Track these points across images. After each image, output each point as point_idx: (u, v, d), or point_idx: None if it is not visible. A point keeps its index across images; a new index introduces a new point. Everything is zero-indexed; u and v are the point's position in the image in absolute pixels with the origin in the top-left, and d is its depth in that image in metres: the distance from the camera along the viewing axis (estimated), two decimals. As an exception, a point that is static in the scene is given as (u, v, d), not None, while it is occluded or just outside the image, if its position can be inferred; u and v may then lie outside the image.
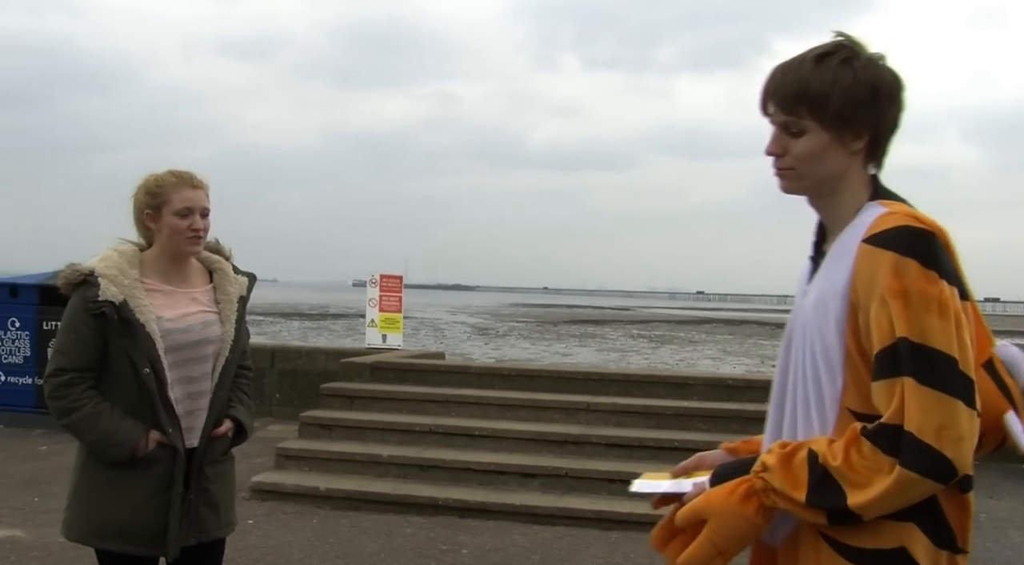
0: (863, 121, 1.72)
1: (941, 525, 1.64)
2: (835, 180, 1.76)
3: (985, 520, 6.73)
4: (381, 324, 11.75)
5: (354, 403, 8.34)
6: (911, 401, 1.55)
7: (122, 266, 2.97)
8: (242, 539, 5.83)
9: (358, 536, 6.12)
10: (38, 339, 9.83)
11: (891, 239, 1.61)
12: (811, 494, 1.59)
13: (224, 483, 3.17)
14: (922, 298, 1.57)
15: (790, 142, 1.75)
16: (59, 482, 7.18)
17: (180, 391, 3.01)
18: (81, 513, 3.01)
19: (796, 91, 1.73)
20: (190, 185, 3.03)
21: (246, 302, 3.21)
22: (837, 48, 1.73)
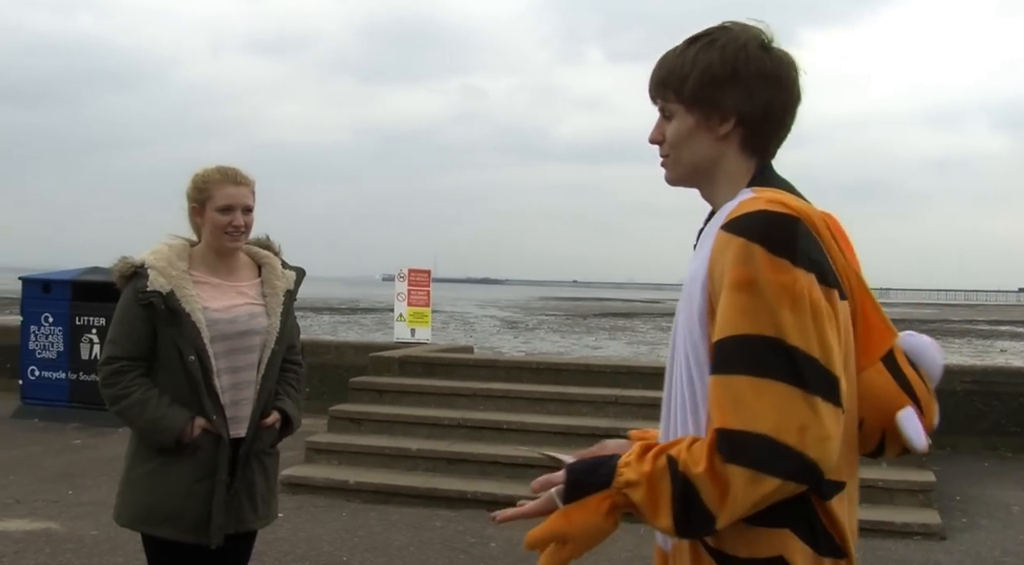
0: (725, 104, 1.62)
1: (818, 530, 1.52)
2: (708, 167, 1.67)
3: (1019, 512, 6.66)
4: (410, 318, 11.80)
5: (383, 397, 8.37)
6: (764, 400, 1.42)
7: (171, 258, 3.09)
8: (272, 532, 5.86)
9: (387, 529, 6.15)
10: (71, 334, 9.94)
11: (744, 225, 1.49)
12: (680, 524, 1.46)
13: (267, 476, 3.25)
14: (770, 288, 1.44)
15: (666, 128, 1.69)
16: (92, 475, 7.28)
17: (226, 380, 3.10)
18: (131, 499, 3.11)
19: (662, 75, 1.68)
20: (233, 182, 3.13)
21: (294, 296, 3.31)
22: (709, 32, 1.66)
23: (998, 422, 8.80)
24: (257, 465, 3.18)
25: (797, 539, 1.51)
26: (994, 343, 30.90)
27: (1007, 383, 9.02)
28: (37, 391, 10.01)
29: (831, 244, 1.55)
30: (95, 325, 9.81)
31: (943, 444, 8.29)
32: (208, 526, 3.05)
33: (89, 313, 9.88)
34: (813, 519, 1.52)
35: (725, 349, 1.47)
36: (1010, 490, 7.34)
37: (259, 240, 3.32)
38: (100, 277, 9.98)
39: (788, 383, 1.42)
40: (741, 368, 1.45)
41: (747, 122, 1.63)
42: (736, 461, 1.42)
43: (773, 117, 1.64)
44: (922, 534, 6.00)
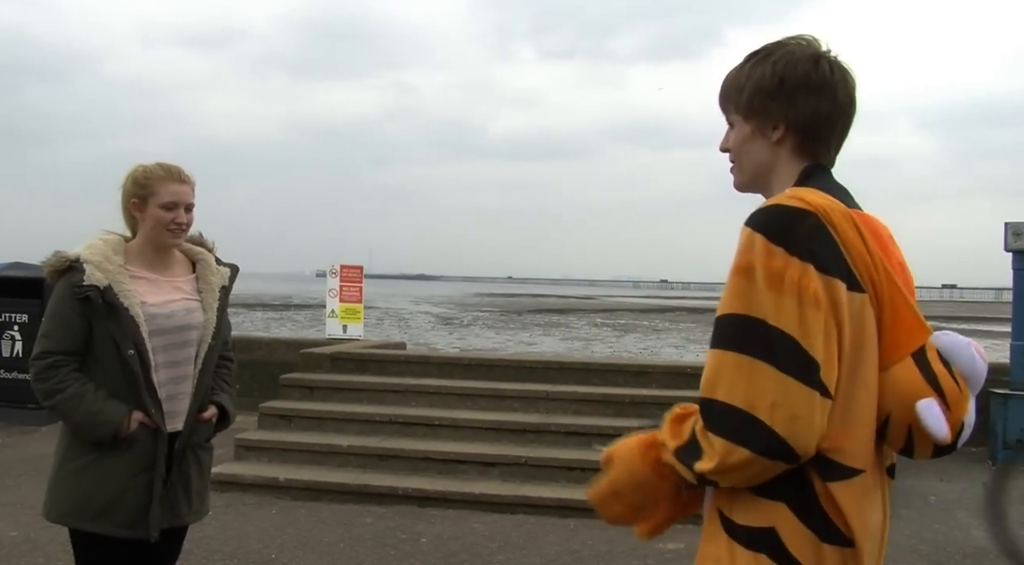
0: (774, 112, 1.77)
1: (816, 512, 1.59)
2: (767, 173, 1.82)
3: (935, 502, 6.87)
4: (342, 314, 11.72)
5: (314, 393, 8.33)
6: (741, 375, 1.55)
7: (107, 253, 3.08)
8: (200, 530, 5.79)
9: (317, 526, 6.12)
10: (-8, 331, 9.69)
11: (756, 217, 1.63)
12: (679, 448, 1.64)
13: (202, 471, 3.26)
14: (763, 273, 1.56)
15: (731, 137, 1.85)
16: (12, 475, 7.12)
17: (164, 375, 3.10)
18: (62, 494, 3.07)
19: (724, 89, 1.86)
20: (177, 180, 3.15)
21: (228, 292, 3.34)
22: (766, 47, 1.82)
23: (918, 415, 9.04)
24: (193, 459, 3.20)
25: (792, 516, 1.59)
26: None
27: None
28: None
29: (852, 240, 1.62)
30: (17, 322, 9.59)
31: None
32: (145, 520, 3.04)
33: (10, 309, 9.65)
34: (811, 500, 1.60)
35: (718, 326, 1.62)
36: (928, 481, 7.56)
37: (193, 237, 3.33)
38: (22, 273, 9.74)
39: (765, 361, 1.54)
40: (727, 344, 1.59)
41: (796, 128, 1.77)
42: (712, 429, 1.58)
43: (820, 123, 1.76)
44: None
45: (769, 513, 1.60)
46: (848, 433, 1.59)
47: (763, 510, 1.60)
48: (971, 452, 8.55)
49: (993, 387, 8.63)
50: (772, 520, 1.60)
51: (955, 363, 1.67)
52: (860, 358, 1.60)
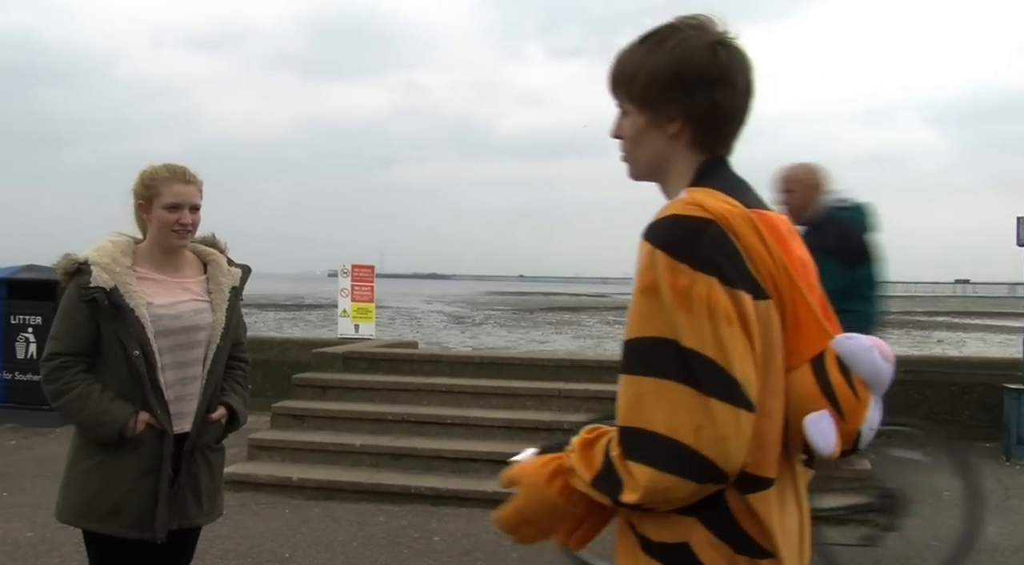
0: (671, 103, 1.66)
1: (729, 524, 1.54)
2: (661, 165, 1.72)
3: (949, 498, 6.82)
4: (353, 314, 11.74)
5: (326, 393, 8.34)
6: (661, 400, 1.48)
7: (115, 255, 3.09)
8: (214, 530, 5.81)
9: (331, 525, 6.14)
10: (6, 333, 9.75)
11: (654, 231, 1.54)
12: (598, 477, 1.55)
13: (212, 472, 3.25)
14: (669, 293, 1.49)
15: (624, 124, 1.74)
16: (28, 476, 7.16)
17: (172, 376, 3.10)
18: (72, 495, 3.09)
19: (614, 74, 1.73)
20: (181, 180, 3.15)
21: (239, 293, 3.33)
22: (658, 31, 1.69)
23: (932, 411, 9.01)
24: (202, 461, 3.19)
25: (705, 530, 1.54)
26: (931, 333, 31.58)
27: (940, 372, 9.24)
28: (-29, 391, 9.80)
29: (754, 245, 1.55)
30: (31, 324, 9.64)
31: (879, 434, 8.45)
32: (152, 521, 3.05)
33: (25, 311, 9.70)
34: (724, 512, 1.54)
35: (628, 350, 1.54)
36: (942, 477, 7.51)
37: (205, 238, 3.34)
38: (36, 275, 9.79)
39: (683, 384, 1.47)
40: (641, 369, 1.51)
41: (694, 121, 1.66)
42: (634, 458, 1.49)
43: (719, 115, 1.67)
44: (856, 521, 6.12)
45: (681, 528, 1.55)
46: (761, 444, 1.53)
47: (675, 525, 1.55)
48: (985, 448, 8.51)
49: (1007, 382, 8.60)
50: (685, 535, 1.55)
51: (855, 369, 1.60)
52: (770, 367, 1.55)
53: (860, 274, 5.13)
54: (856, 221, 5.22)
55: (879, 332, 5.15)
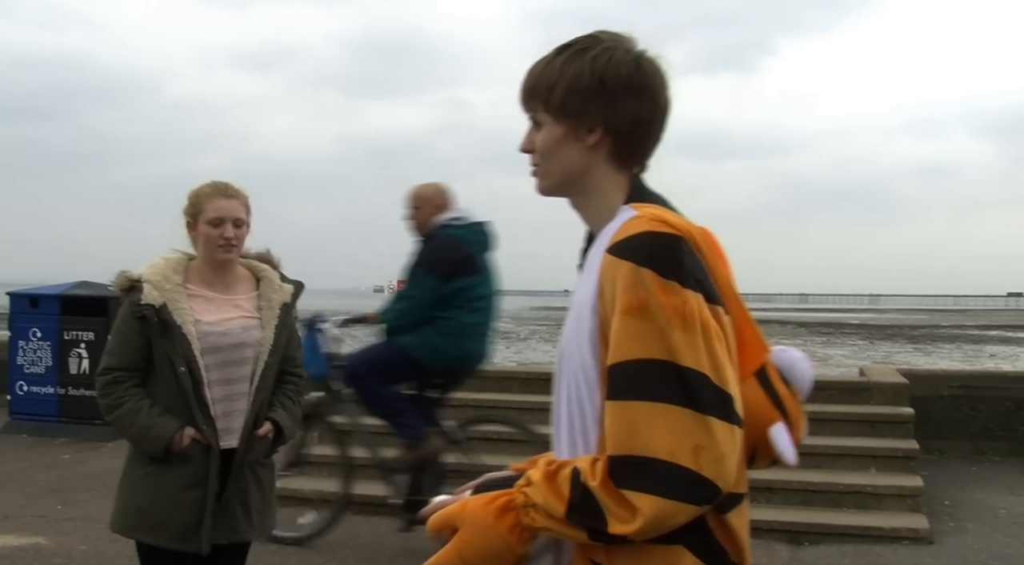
0: (592, 113, 1.62)
1: (712, 545, 1.52)
2: (579, 178, 1.67)
3: (1005, 516, 6.69)
4: (399, 329, 11.77)
5: (373, 408, 8.35)
6: (658, 424, 1.43)
7: (166, 272, 3.15)
8: (262, 544, 5.86)
9: (378, 540, 6.17)
10: (59, 349, 9.91)
11: (630, 248, 1.49)
12: (572, 509, 1.46)
13: (262, 487, 3.28)
14: (662, 311, 1.45)
15: (536, 138, 1.68)
16: (81, 490, 7.26)
17: (219, 392, 3.15)
18: (123, 506, 3.17)
19: (531, 85, 1.68)
20: (223, 195, 3.20)
21: (290, 309, 3.35)
22: (578, 41, 1.65)
23: (986, 426, 8.84)
24: (251, 476, 3.22)
25: (690, 555, 1.50)
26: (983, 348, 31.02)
27: (994, 387, 9.06)
28: (25, 406, 9.96)
29: (710, 260, 1.55)
30: (83, 339, 9.79)
31: (931, 449, 8.32)
32: (197, 534, 3.09)
33: (77, 327, 9.86)
34: (708, 534, 1.52)
35: (619, 375, 1.48)
36: (997, 494, 7.37)
37: (260, 254, 3.39)
38: (88, 291, 9.95)
39: (681, 405, 1.43)
40: (634, 393, 1.45)
41: (615, 133, 1.63)
42: (631, 487, 1.43)
43: (641, 128, 1.64)
44: (910, 539, 6.03)
45: (667, 557, 1.50)
46: (740, 459, 1.51)
47: (659, 555, 1.49)
48: (1042, 465, 8.34)
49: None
50: (671, 563, 1.50)
51: (792, 379, 1.66)
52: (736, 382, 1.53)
53: (455, 287, 5.55)
54: (461, 238, 5.63)
55: (488, 340, 5.87)
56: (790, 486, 6.55)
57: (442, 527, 1.61)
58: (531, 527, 1.51)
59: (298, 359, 3.42)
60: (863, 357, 23.89)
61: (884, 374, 8.67)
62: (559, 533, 1.50)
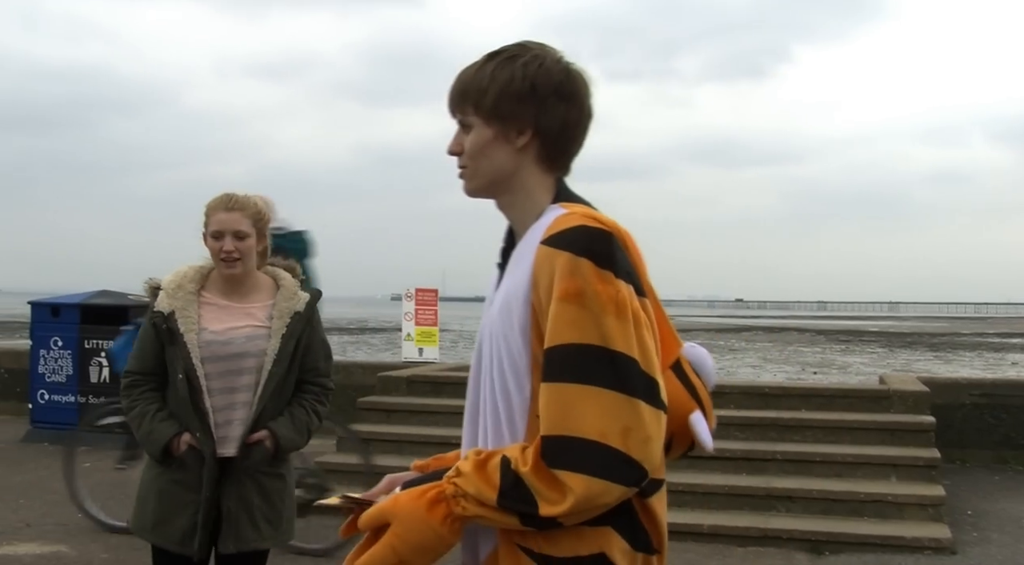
0: (523, 117, 1.69)
1: (637, 527, 1.61)
2: (507, 179, 1.73)
3: None
4: (417, 337, 11.80)
5: (391, 417, 8.39)
6: (590, 406, 1.50)
7: (183, 281, 3.22)
8: (281, 554, 5.87)
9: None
10: (80, 358, 9.98)
11: (567, 240, 1.58)
12: (503, 496, 1.52)
13: (271, 498, 3.26)
14: (597, 299, 1.53)
15: (465, 140, 1.74)
16: (100, 498, 7.27)
17: (220, 400, 3.18)
18: (137, 506, 3.27)
19: (461, 89, 1.73)
20: (225, 208, 3.20)
21: (305, 317, 3.31)
22: (507, 49, 1.73)
23: (1008, 435, 8.77)
24: (253, 485, 3.22)
25: (618, 536, 1.59)
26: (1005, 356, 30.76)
27: (1017, 396, 8.98)
28: (47, 414, 10.03)
29: (634, 257, 1.67)
30: (104, 348, 9.85)
31: (953, 458, 8.26)
32: (192, 540, 3.15)
33: (98, 336, 9.91)
34: (633, 517, 1.61)
35: (553, 358, 1.55)
36: (1021, 504, 7.30)
37: (287, 263, 3.42)
38: (109, 300, 10.02)
39: (612, 389, 1.51)
40: (569, 376, 1.53)
41: (543, 135, 1.71)
42: (562, 466, 1.50)
43: (567, 132, 1.72)
44: (932, 548, 5.98)
45: (597, 539, 1.57)
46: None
47: (589, 537, 1.56)
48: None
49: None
50: (601, 545, 1.57)
51: (701, 373, 1.77)
52: None
53: None
54: (280, 247, 5.90)
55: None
56: (810, 495, 6.51)
57: (375, 524, 1.63)
58: (462, 517, 1.57)
59: (321, 368, 3.39)
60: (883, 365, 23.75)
61: (904, 382, 8.62)
62: (490, 521, 1.56)
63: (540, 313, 1.59)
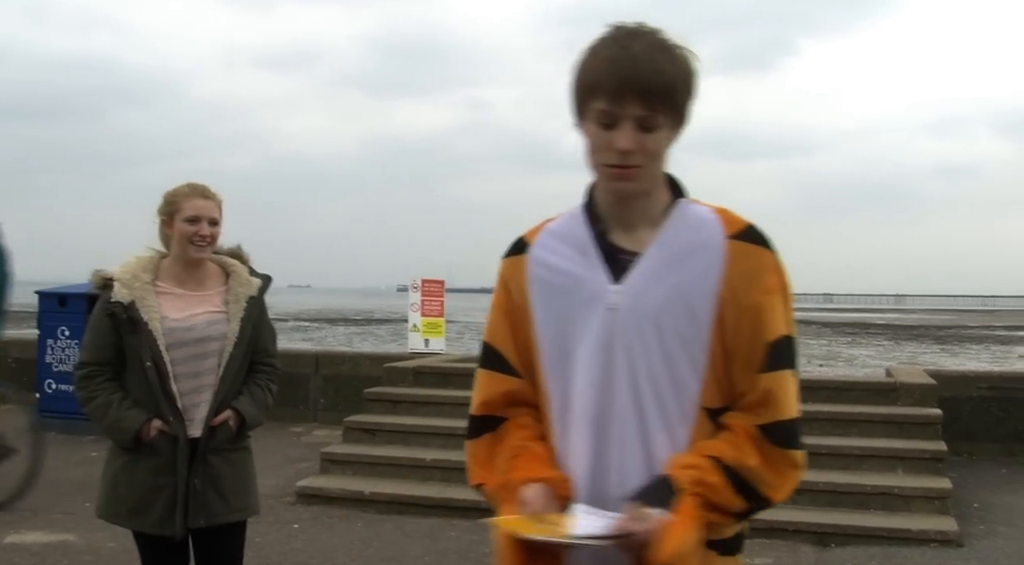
0: (687, 114, 1.69)
1: None
2: (660, 178, 1.72)
3: None
4: (424, 328, 11.82)
5: (397, 407, 8.39)
6: (793, 388, 1.68)
7: (136, 271, 3.30)
8: (287, 543, 5.89)
9: (402, 540, 6.16)
10: (88, 347, 9.99)
11: (760, 237, 1.68)
12: (746, 499, 1.63)
13: (235, 472, 3.41)
14: (789, 294, 1.70)
15: (643, 138, 1.63)
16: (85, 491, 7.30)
17: (187, 384, 3.29)
18: (105, 494, 3.36)
19: (661, 84, 1.60)
20: (201, 195, 3.36)
21: (258, 301, 3.46)
22: (665, 37, 1.64)
23: (1016, 428, 8.74)
24: (222, 461, 3.35)
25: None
26: (1013, 348, 30.71)
27: (1023, 389, 8.95)
28: (54, 404, 10.04)
29: None
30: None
31: (960, 451, 8.24)
32: (171, 520, 3.25)
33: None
34: None
35: (778, 349, 1.66)
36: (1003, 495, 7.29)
37: (231, 249, 3.53)
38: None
39: (795, 371, 1.70)
40: (789, 364, 1.68)
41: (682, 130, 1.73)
42: (795, 445, 1.66)
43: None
44: (939, 541, 5.97)
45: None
46: None
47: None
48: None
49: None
50: (740, 526, 1.73)
51: None
52: None
53: None
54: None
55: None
56: (816, 487, 6.50)
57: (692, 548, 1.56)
58: (709, 525, 1.62)
59: (270, 349, 3.54)
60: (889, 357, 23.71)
61: (911, 375, 8.60)
62: (719, 524, 1.64)
63: (728, 305, 1.64)
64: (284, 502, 6.92)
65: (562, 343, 1.71)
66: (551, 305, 1.73)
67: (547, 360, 1.74)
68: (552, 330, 1.73)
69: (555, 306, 1.72)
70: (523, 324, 1.77)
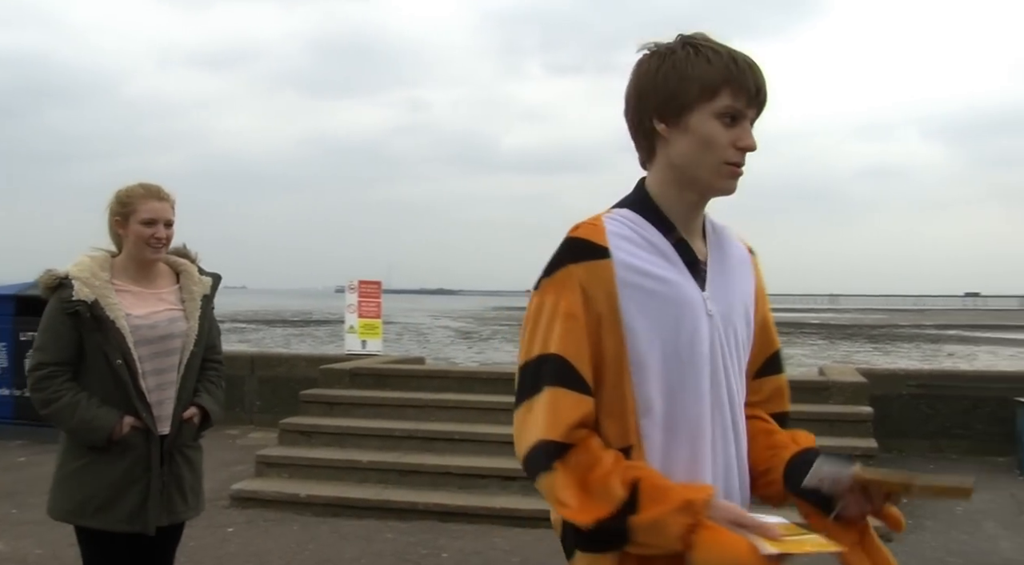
0: None
1: None
2: None
3: (962, 513, 6.78)
4: (361, 330, 11.74)
5: (334, 409, 8.32)
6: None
7: (94, 269, 3.26)
8: (221, 547, 5.80)
9: (338, 542, 6.11)
10: (15, 350, 9.76)
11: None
12: None
13: (193, 469, 3.43)
14: None
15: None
16: (37, 493, 7.13)
17: (152, 381, 3.28)
18: (64, 494, 3.27)
19: (768, 92, 1.68)
20: (156, 197, 3.33)
21: (210, 300, 3.50)
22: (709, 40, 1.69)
23: (944, 425, 8.96)
24: (182, 459, 3.36)
25: None
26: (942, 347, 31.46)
27: (952, 386, 9.18)
28: (-22, 410, 9.80)
29: None
30: (39, 340, 9.64)
31: (890, 447, 8.41)
32: (143, 516, 3.22)
33: (34, 328, 9.63)
34: None
35: (779, 357, 1.88)
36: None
37: (177, 249, 3.51)
38: (44, 292, 9.81)
39: None
40: (783, 368, 1.93)
41: None
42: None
43: None
44: (869, 536, 6.07)
45: None
46: None
47: None
48: (998, 462, 8.46)
49: (1019, 395, 8.53)
50: None
51: None
52: None
53: None
54: None
55: None
56: (751, 485, 6.58)
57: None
58: None
59: (218, 347, 3.57)
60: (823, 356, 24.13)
61: (843, 373, 8.76)
62: None
63: (756, 315, 1.80)
64: (218, 506, 6.81)
65: (671, 350, 1.63)
66: (652, 312, 1.63)
67: (644, 369, 1.63)
68: (656, 338, 1.63)
69: (657, 313, 1.63)
70: (603, 333, 1.62)
